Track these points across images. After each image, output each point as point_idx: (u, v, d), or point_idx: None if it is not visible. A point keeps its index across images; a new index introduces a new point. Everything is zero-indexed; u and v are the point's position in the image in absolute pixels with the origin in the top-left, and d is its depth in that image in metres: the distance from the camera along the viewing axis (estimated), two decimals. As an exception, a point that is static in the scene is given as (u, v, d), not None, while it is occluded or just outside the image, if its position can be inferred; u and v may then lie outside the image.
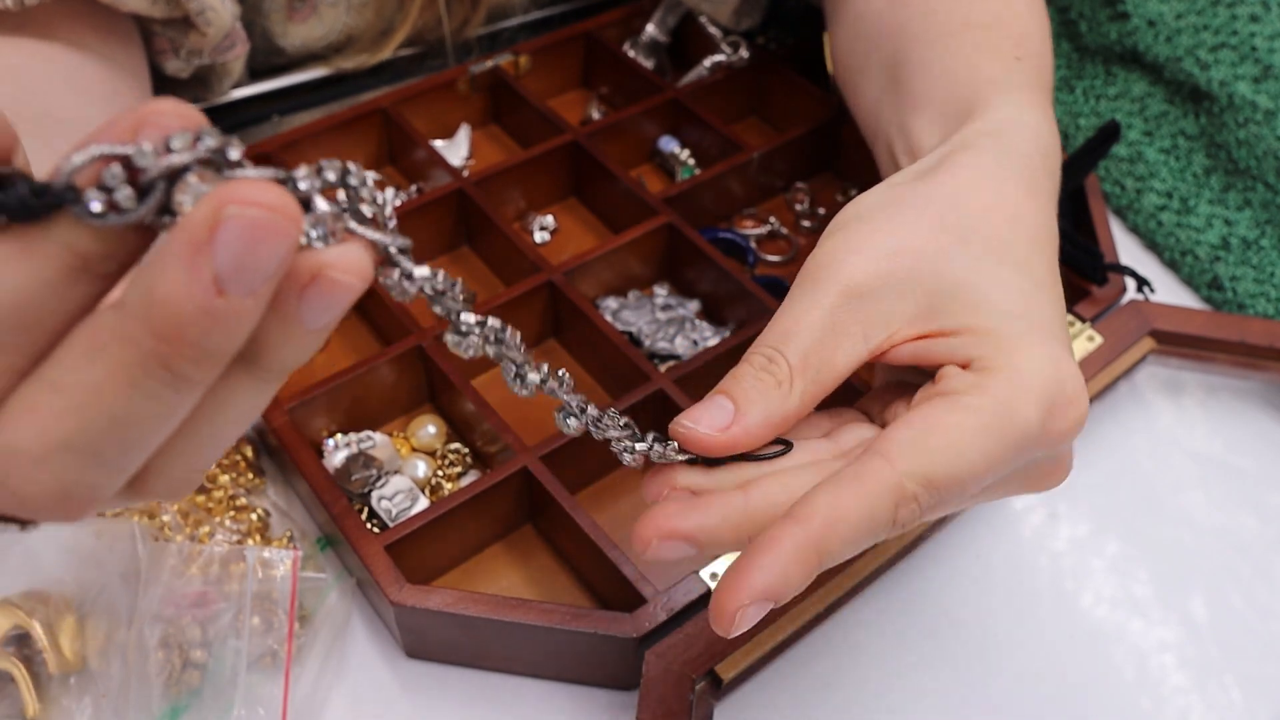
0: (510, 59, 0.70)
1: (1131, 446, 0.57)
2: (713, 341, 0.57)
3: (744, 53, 0.71)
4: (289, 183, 0.20)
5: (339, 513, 0.46)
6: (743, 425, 0.32)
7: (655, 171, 0.70)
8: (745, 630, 0.29)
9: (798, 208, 0.68)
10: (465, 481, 0.52)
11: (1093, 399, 0.56)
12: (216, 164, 0.19)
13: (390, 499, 0.50)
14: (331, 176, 0.21)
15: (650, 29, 0.74)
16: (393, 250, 0.23)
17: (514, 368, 0.29)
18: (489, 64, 0.69)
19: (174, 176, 0.19)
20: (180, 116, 0.19)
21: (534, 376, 0.29)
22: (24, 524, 0.23)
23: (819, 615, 0.47)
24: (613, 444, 0.32)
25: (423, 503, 0.50)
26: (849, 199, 0.67)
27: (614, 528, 0.51)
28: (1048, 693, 0.48)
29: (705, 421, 0.32)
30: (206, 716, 0.43)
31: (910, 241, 0.35)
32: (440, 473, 0.52)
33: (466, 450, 0.53)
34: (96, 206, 0.18)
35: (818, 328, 0.33)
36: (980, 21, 0.49)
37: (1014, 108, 0.43)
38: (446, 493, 0.52)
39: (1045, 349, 0.32)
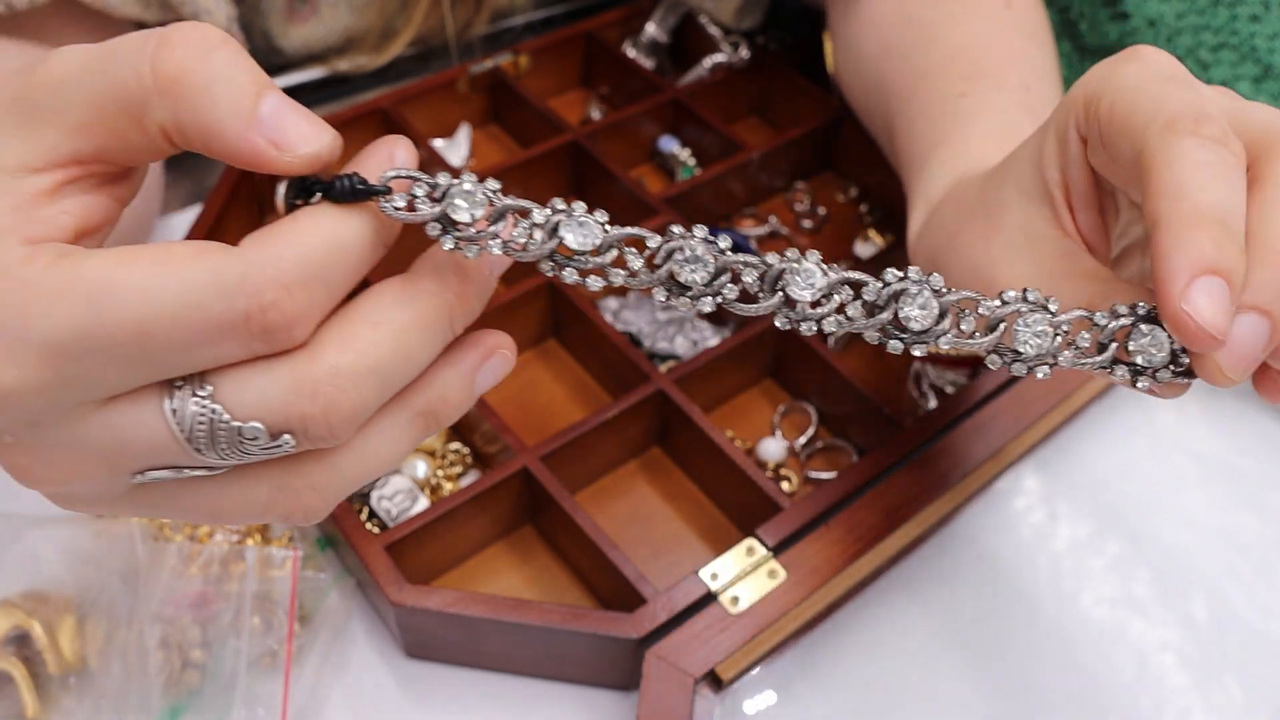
0: (510, 59, 0.70)
1: (1131, 446, 0.57)
2: (713, 341, 0.57)
3: (744, 52, 0.71)
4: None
5: (339, 513, 0.46)
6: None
7: (655, 171, 0.70)
8: (1244, 356, 0.26)
9: (798, 208, 0.68)
10: (465, 481, 0.52)
11: (1093, 399, 0.56)
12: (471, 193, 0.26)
13: (390, 499, 0.50)
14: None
15: (650, 29, 0.74)
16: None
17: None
18: (489, 64, 0.69)
19: (444, 196, 0.26)
20: (407, 146, 0.27)
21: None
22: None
23: (819, 615, 0.47)
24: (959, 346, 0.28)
25: (423, 503, 0.50)
26: (849, 199, 0.68)
27: (614, 528, 0.51)
28: (1048, 693, 0.48)
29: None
30: (206, 716, 0.43)
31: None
32: (440, 473, 0.52)
33: (466, 450, 0.53)
34: (400, 203, 0.26)
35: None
36: (931, 71, 0.51)
37: (935, 172, 0.45)
38: (446, 493, 0.51)
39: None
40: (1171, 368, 0.28)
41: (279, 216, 0.26)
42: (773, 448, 0.54)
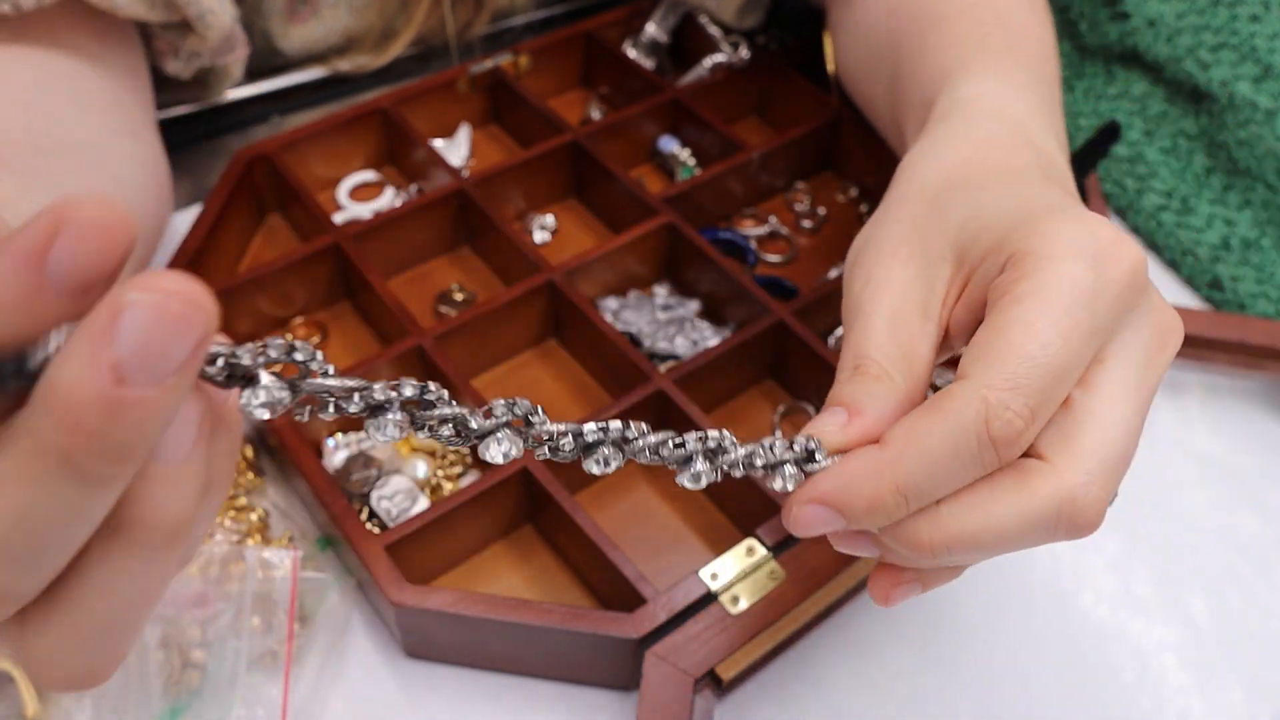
0: (510, 59, 0.70)
1: (1132, 446, 0.57)
2: (713, 341, 0.57)
3: (744, 52, 0.71)
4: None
5: (339, 513, 0.46)
6: (860, 426, 0.30)
7: (655, 171, 0.70)
8: (811, 533, 0.30)
9: (798, 208, 0.68)
10: (465, 481, 0.52)
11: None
12: None
13: (390, 499, 0.50)
14: (274, 354, 0.22)
15: (650, 29, 0.74)
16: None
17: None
18: (489, 64, 0.69)
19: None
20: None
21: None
22: None
23: (819, 615, 0.47)
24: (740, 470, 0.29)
25: (423, 503, 0.50)
26: (849, 199, 0.68)
27: (614, 528, 0.51)
28: (1048, 693, 0.48)
29: (830, 425, 0.31)
30: (206, 717, 0.43)
31: (915, 231, 0.35)
32: (440, 473, 0.52)
33: (467, 450, 0.53)
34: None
35: (883, 331, 0.33)
36: (950, 15, 0.50)
37: (969, 84, 0.43)
38: (446, 493, 0.51)
39: (1064, 216, 0.31)
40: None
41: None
42: (773, 448, 0.54)
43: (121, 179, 0.49)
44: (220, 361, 0.21)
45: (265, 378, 0.22)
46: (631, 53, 0.73)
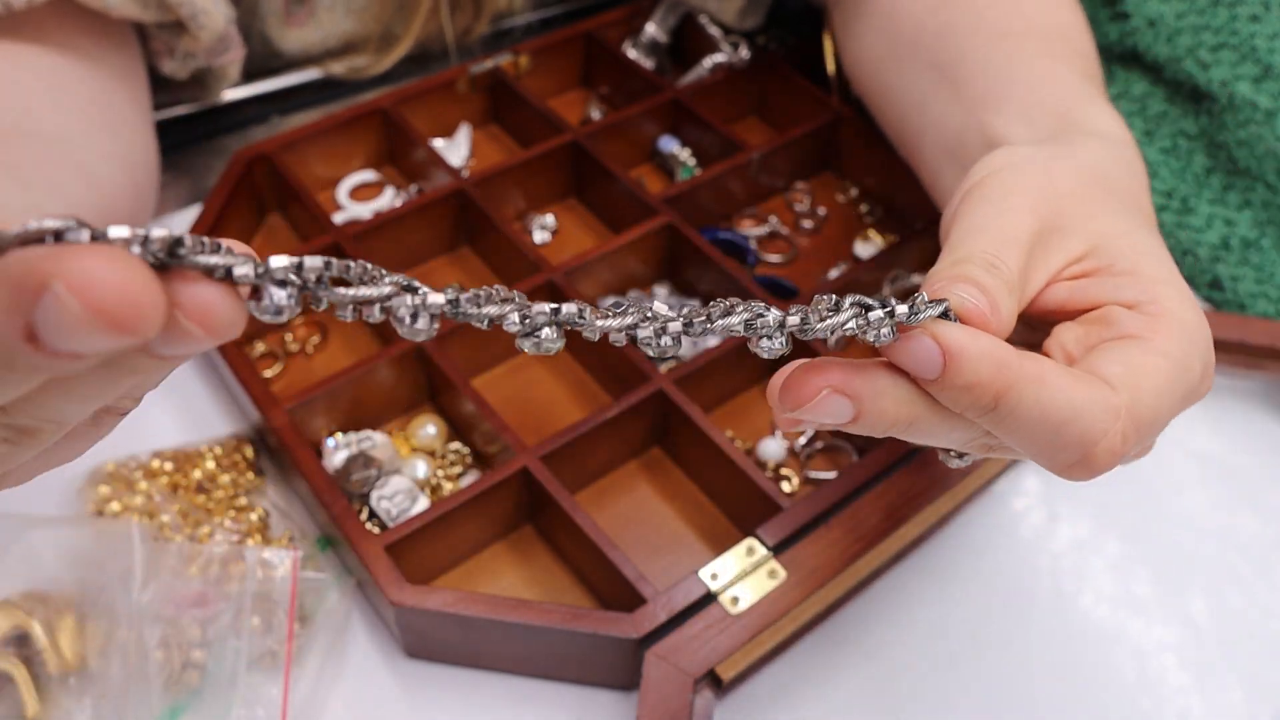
0: (510, 59, 0.70)
1: (1131, 446, 0.57)
2: (713, 341, 0.57)
3: (744, 53, 0.71)
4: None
5: (339, 513, 0.46)
6: (993, 309, 0.29)
7: (655, 171, 0.70)
8: (801, 423, 0.27)
9: (797, 208, 0.67)
10: (465, 481, 0.52)
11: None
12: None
13: (390, 499, 0.50)
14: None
15: (650, 29, 0.74)
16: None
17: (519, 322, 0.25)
18: (489, 64, 0.69)
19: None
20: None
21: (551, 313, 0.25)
22: None
23: (819, 615, 0.47)
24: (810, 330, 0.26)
25: (423, 503, 0.50)
26: (849, 199, 0.68)
27: (614, 528, 0.51)
28: (1048, 693, 0.48)
29: (968, 293, 0.29)
30: (206, 717, 0.43)
31: (1069, 186, 0.34)
32: (440, 473, 0.52)
33: (466, 450, 0.53)
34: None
35: (1024, 244, 0.32)
36: (1043, 30, 0.50)
37: (1110, 120, 0.43)
38: (446, 493, 0.51)
39: (1198, 311, 0.32)
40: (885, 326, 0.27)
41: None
42: (773, 448, 0.54)
43: (94, 175, 0.49)
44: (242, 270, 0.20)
45: (275, 290, 0.21)
46: (631, 53, 0.73)
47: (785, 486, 0.53)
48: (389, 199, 0.66)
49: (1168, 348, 0.30)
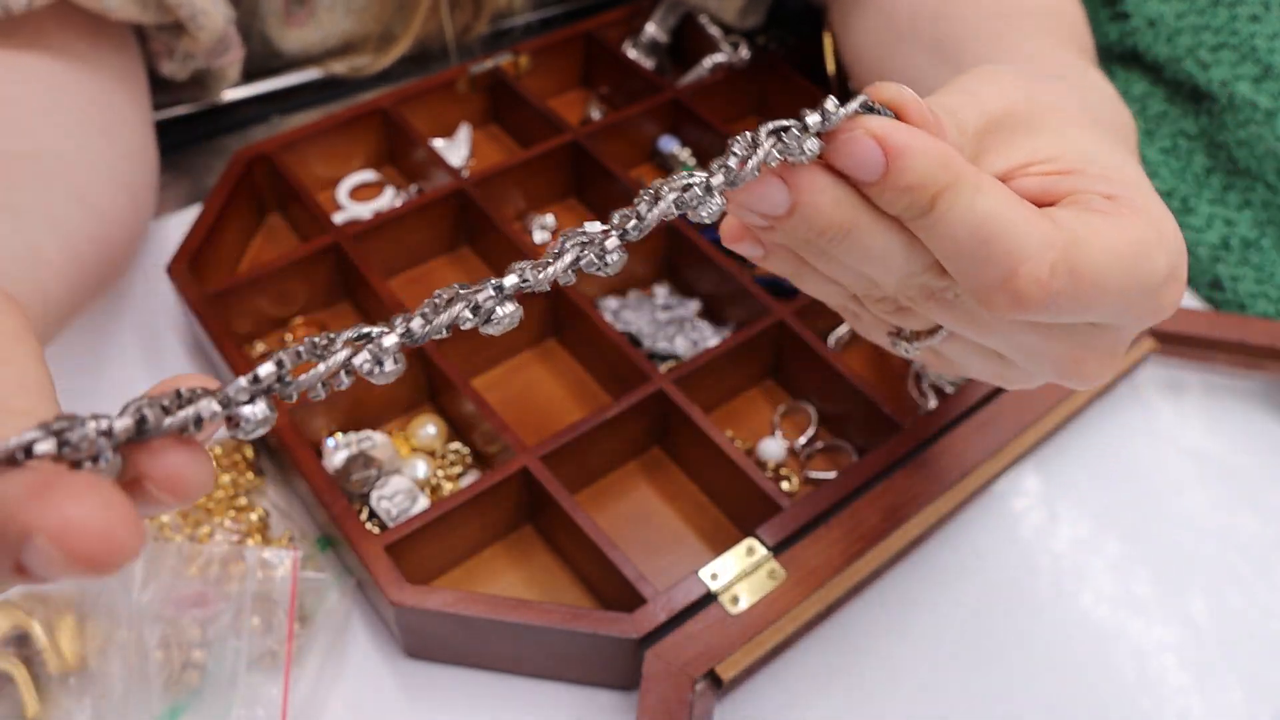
0: (510, 59, 0.70)
1: (1132, 446, 0.57)
2: (713, 341, 0.57)
3: (744, 52, 0.71)
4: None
5: (339, 513, 0.46)
6: (915, 101, 0.28)
7: (655, 171, 0.70)
8: (743, 239, 0.29)
9: (798, 208, 0.67)
10: (465, 481, 0.52)
11: (1093, 399, 0.56)
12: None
13: (390, 499, 0.50)
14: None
15: (650, 29, 0.74)
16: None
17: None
18: (489, 64, 0.69)
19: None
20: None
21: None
22: None
23: (819, 615, 0.47)
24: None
25: (423, 503, 0.50)
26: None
27: (614, 528, 0.51)
28: (1048, 693, 0.48)
29: (887, 89, 0.28)
30: (206, 717, 0.43)
31: (1051, 100, 0.34)
32: (440, 473, 0.52)
33: (466, 450, 0.53)
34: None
35: (986, 113, 0.31)
36: (1038, 9, 0.51)
37: (1105, 82, 0.44)
38: (446, 493, 0.51)
39: (1172, 221, 0.31)
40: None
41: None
42: (773, 448, 0.54)
43: (90, 199, 0.48)
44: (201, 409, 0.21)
45: (247, 410, 0.22)
46: (631, 53, 0.73)
47: (785, 486, 0.53)
48: (389, 199, 0.66)
49: (1130, 225, 0.29)
